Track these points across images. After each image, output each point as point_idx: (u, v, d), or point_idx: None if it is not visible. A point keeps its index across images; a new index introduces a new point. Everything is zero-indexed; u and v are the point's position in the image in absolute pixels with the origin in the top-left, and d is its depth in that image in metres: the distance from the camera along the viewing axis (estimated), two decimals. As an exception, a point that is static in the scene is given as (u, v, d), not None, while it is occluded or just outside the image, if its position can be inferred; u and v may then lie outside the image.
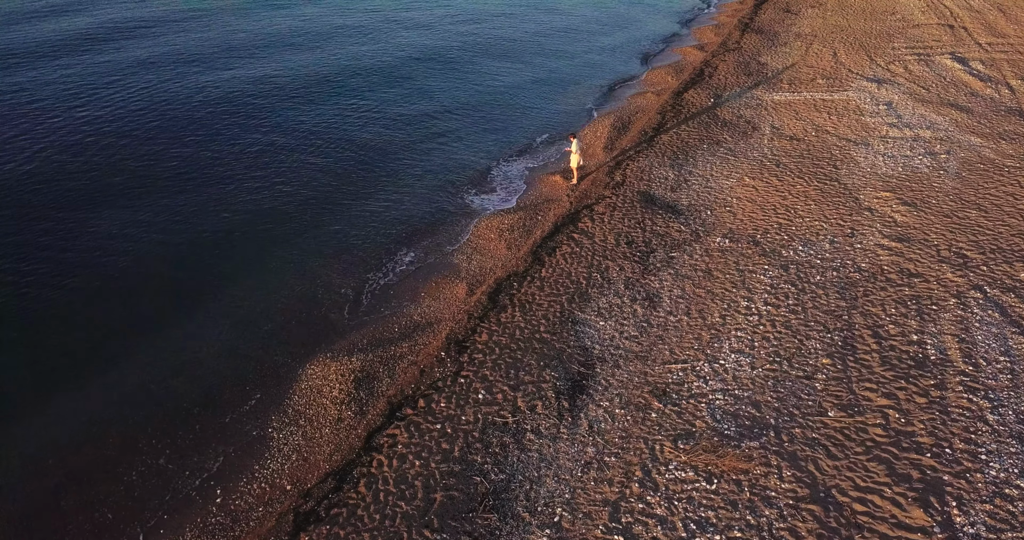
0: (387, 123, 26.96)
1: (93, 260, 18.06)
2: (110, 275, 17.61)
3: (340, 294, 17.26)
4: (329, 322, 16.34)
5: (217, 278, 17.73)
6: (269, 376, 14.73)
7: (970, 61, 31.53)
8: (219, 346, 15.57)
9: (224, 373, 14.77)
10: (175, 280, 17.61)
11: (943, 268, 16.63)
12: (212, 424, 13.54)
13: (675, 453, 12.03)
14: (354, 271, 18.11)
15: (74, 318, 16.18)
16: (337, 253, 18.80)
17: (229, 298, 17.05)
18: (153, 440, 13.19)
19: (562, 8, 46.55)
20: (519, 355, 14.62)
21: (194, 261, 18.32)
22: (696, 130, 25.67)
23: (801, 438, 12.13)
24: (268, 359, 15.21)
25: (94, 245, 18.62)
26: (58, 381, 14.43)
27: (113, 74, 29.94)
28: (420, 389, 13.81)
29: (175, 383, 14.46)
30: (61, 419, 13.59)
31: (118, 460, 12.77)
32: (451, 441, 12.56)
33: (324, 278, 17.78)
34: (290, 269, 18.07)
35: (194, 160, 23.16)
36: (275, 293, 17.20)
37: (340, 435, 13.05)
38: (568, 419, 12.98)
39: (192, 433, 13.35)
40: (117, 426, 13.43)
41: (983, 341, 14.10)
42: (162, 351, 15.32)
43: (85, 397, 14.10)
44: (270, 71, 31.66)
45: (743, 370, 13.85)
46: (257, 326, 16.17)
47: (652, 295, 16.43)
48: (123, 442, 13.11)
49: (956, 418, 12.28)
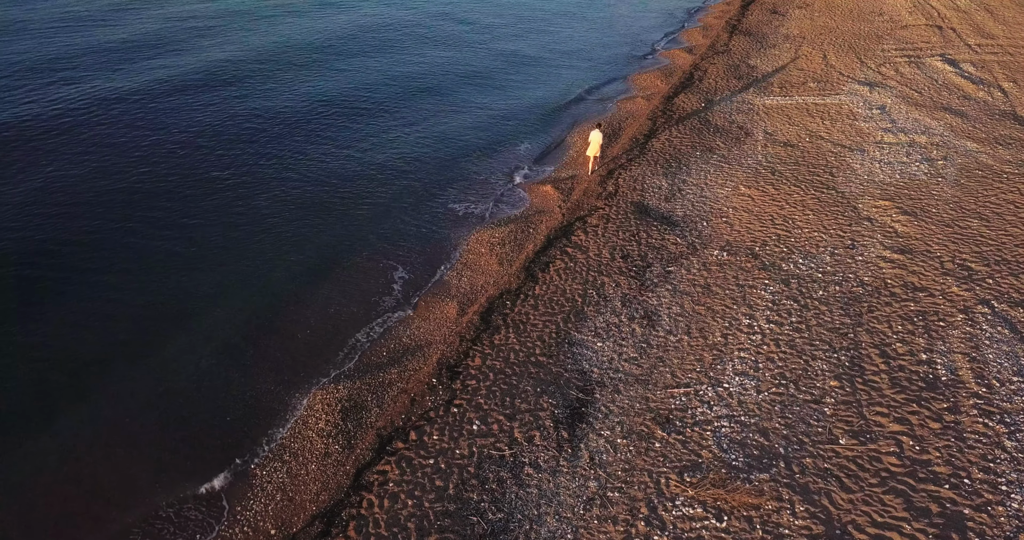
0: (370, 134, 26.20)
1: (63, 285, 17.18)
2: (81, 300, 16.73)
3: (324, 315, 16.51)
4: (314, 346, 15.60)
5: (196, 300, 16.88)
6: (251, 406, 13.97)
7: (960, 63, 31.26)
8: (198, 375, 14.77)
9: (202, 404, 13.98)
10: (151, 303, 16.72)
11: (948, 281, 16.17)
12: (189, 462, 12.75)
13: (682, 487, 11.44)
14: (339, 290, 17.35)
15: (44, 348, 15.26)
16: (321, 271, 18.02)
17: (209, 321, 16.24)
18: (123, 482, 12.37)
19: (547, 12, 45.93)
20: (514, 381, 13.97)
21: (171, 282, 17.44)
22: (688, 136, 25.13)
23: (813, 469, 11.58)
24: (250, 387, 14.45)
25: (65, 265, 17.73)
26: (26, 419, 13.52)
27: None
28: (411, 420, 13.12)
29: (149, 417, 13.65)
30: (25, 459, 12.74)
31: (86, 505, 11.94)
32: (445, 477, 11.88)
33: (307, 298, 17.02)
34: (272, 290, 17.28)
35: (169, 177, 22.29)
36: (257, 315, 16.41)
37: (327, 472, 12.32)
38: (568, 450, 12.35)
39: (168, 471, 12.57)
40: (87, 466, 12.61)
41: (995, 360, 13.63)
42: (137, 382, 14.49)
43: (53, 436, 13.21)
44: (255, 89, 30.78)
45: (748, 394, 13.28)
46: (239, 351, 15.39)
47: (650, 313, 15.84)
48: (91, 484, 12.29)
49: (973, 445, 11.78)
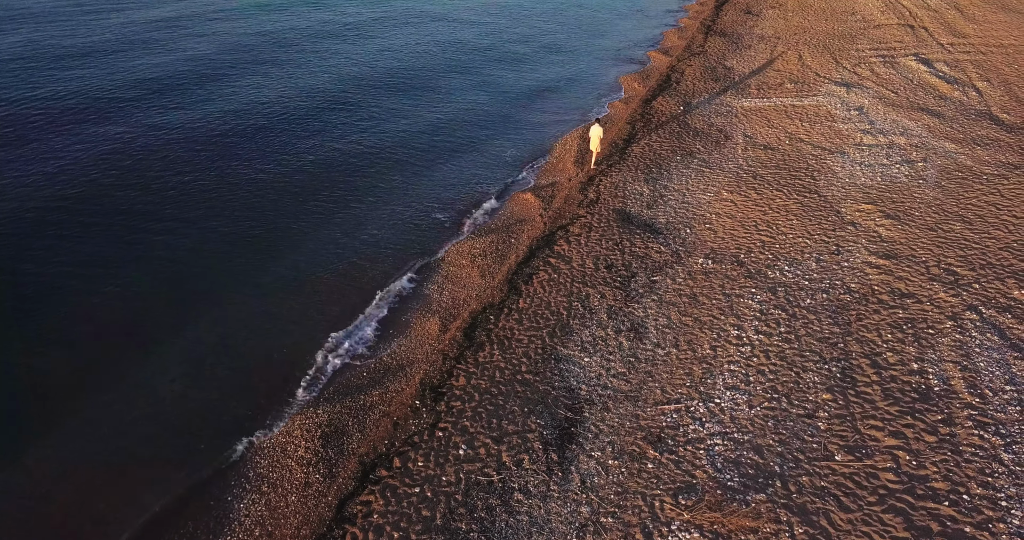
0: (347, 143, 25.60)
1: (29, 304, 16.41)
2: (48, 319, 15.99)
3: (302, 334, 15.93)
4: (289, 367, 15.02)
5: (169, 318, 16.22)
6: (225, 433, 13.36)
7: (934, 63, 31.41)
8: (170, 398, 14.15)
9: (173, 432, 13.35)
10: (120, 322, 16.04)
11: (935, 287, 16.04)
12: (160, 495, 12.12)
13: (676, 511, 11.09)
14: (314, 308, 16.79)
15: (9, 371, 14.56)
16: (295, 287, 17.42)
17: (182, 341, 15.59)
18: (91, 517, 11.74)
19: (522, 14, 45.55)
20: (500, 401, 13.54)
21: (142, 299, 16.77)
22: (668, 140, 24.88)
23: (809, 488, 11.30)
24: (226, 412, 13.85)
25: (30, 283, 16.97)
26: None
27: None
28: (394, 445, 12.63)
29: (116, 446, 12.99)
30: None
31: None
32: (432, 507, 11.42)
33: (281, 317, 16.42)
34: (243, 308, 16.65)
35: (145, 190, 21.52)
36: (232, 334, 15.80)
37: (308, 504, 11.78)
38: (558, 474, 11.95)
39: (137, 505, 11.93)
40: (52, 503, 11.95)
41: (986, 368, 13.48)
42: (107, 407, 13.81)
43: (17, 469, 12.55)
44: (235, 90, 30.00)
45: (740, 409, 12.99)
46: (211, 374, 14.77)
47: (637, 325, 15.51)
48: (60, 519, 11.65)
49: (969, 458, 11.59)
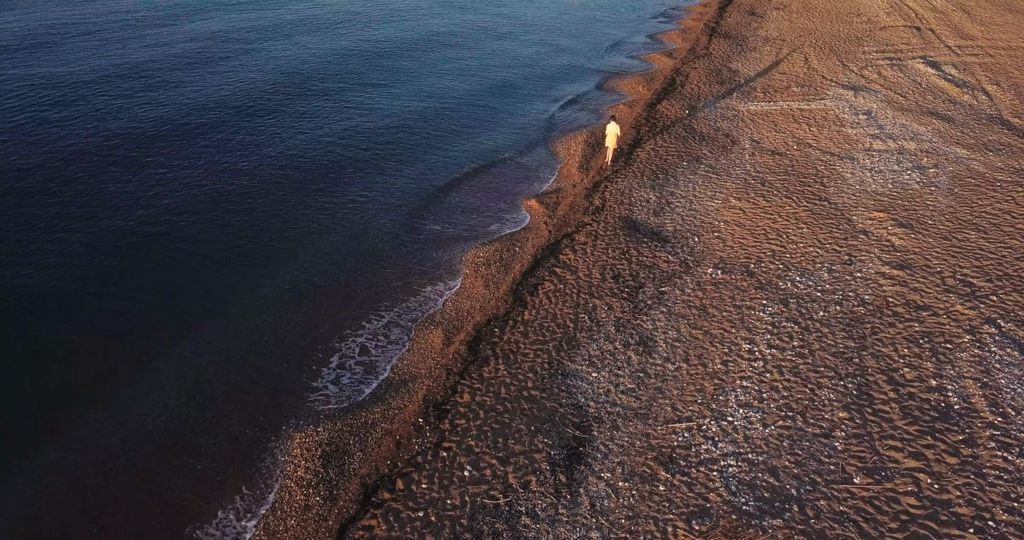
0: (347, 149, 25.20)
1: (28, 315, 16.02)
2: (45, 331, 15.58)
3: (301, 347, 15.52)
4: (291, 383, 14.61)
5: (162, 332, 15.82)
6: (224, 452, 12.96)
7: (943, 65, 31.00)
8: (165, 416, 13.73)
9: (171, 451, 12.92)
10: (113, 335, 15.64)
11: (951, 299, 15.63)
12: (156, 517, 11.71)
13: (691, 537, 10.68)
14: (315, 319, 16.37)
15: (5, 383, 14.16)
16: (293, 300, 17.01)
17: (177, 357, 15.18)
18: (89, 530, 11.33)
19: (520, 14, 45.13)
20: (506, 418, 13.13)
21: (135, 311, 16.38)
22: (674, 145, 24.47)
23: (828, 513, 10.89)
24: (223, 430, 13.44)
25: (27, 295, 16.56)
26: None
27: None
28: (397, 466, 12.22)
29: (112, 467, 12.57)
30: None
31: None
32: (436, 532, 11.01)
33: (280, 330, 16.01)
34: (242, 321, 16.24)
35: (130, 195, 21.13)
36: (227, 349, 15.39)
37: (308, 528, 11.37)
38: (567, 496, 11.54)
39: (132, 529, 11.52)
40: (44, 528, 11.56)
41: (1007, 386, 13.08)
42: (98, 426, 13.41)
43: (15, 477, 12.15)
44: (219, 81, 29.59)
45: (754, 428, 12.58)
46: (209, 389, 14.35)
47: (646, 338, 15.10)
48: (59, 528, 11.28)
49: (994, 482, 11.18)
